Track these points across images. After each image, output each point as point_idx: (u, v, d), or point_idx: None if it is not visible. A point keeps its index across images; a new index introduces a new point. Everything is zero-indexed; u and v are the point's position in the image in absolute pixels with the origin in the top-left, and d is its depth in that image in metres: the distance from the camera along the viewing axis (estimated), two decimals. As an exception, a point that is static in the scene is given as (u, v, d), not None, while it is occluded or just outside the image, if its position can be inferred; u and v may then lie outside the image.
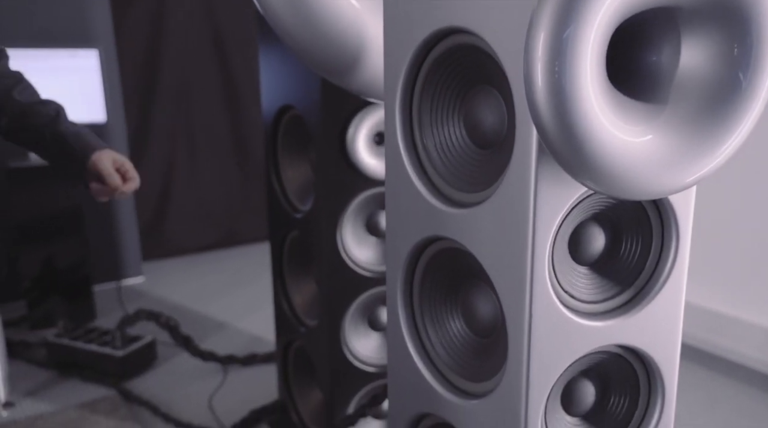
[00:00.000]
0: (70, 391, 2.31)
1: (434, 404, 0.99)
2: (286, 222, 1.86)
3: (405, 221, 0.98)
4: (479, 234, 0.85)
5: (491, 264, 0.84)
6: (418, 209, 0.95)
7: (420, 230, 0.96)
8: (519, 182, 0.78)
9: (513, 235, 0.80)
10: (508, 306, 0.82)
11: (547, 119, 0.67)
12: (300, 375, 1.97)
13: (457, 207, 0.90)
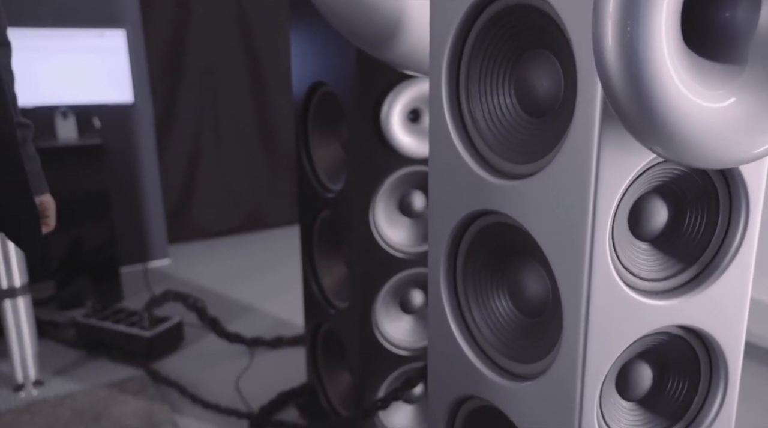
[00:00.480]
0: (98, 371, 2.32)
1: (478, 386, 0.95)
2: (316, 202, 1.82)
3: (450, 196, 0.94)
4: (532, 207, 0.81)
5: (545, 239, 0.79)
6: (465, 183, 0.91)
7: (466, 204, 0.92)
8: (579, 150, 0.73)
9: (571, 207, 0.75)
10: (563, 284, 0.78)
11: (617, 81, 0.62)
12: (329, 358, 1.95)
13: (507, 179, 0.85)
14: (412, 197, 1.68)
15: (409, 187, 1.67)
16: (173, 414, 2.04)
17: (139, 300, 2.92)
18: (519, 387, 0.88)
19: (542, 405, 0.83)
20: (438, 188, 0.96)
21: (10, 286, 2.10)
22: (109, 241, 2.90)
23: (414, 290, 1.74)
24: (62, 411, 2.04)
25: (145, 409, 2.05)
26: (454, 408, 1.03)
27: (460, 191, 0.92)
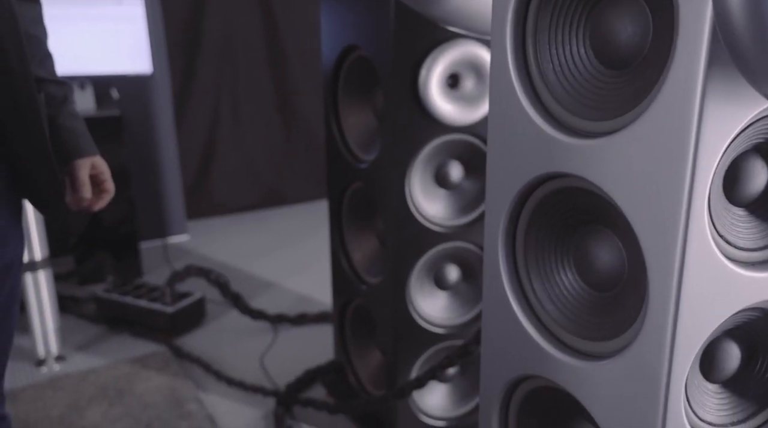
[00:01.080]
0: (120, 346, 2.27)
1: (540, 365, 0.88)
2: (346, 174, 1.74)
3: (512, 159, 0.86)
4: (613, 169, 0.72)
5: (630, 204, 0.71)
6: (531, 143, 0.83)
7: (531, 167, 0.83)
8: (678, 102, 0.64)
9: (665, 168, 0.67)
10: (651, 254, 0.70)
11: (740, 14, 0.53)
12: (358, 336, 1.88)
13: (582, 138, 0.77)
14: (449, 168, 1.60)
15: (446, 157, 1.58)
16: (197, 390, 1.99)
17: (159, 276, 2.87)
18: (590, 366, 0.80)
19: (620, 386, 0.76)
20: (499, 150, 0.88)
21: (30, 260, 2.05)
22: (129, 216, 2.85)
23: (449, 266, 1.66)
24: (85, 387, 2.00)
25: (169, 385, 2.01)
26: (510, 388, 0.96)
27: (525, 153, 0.84)
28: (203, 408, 1.89)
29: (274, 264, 3.04)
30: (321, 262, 3.04)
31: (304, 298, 2.68)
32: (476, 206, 1.62)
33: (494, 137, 0.88)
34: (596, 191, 0.77)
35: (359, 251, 1.81)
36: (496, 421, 0.98)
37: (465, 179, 1.62)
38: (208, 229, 3.58)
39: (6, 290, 1.03)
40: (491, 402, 0.98)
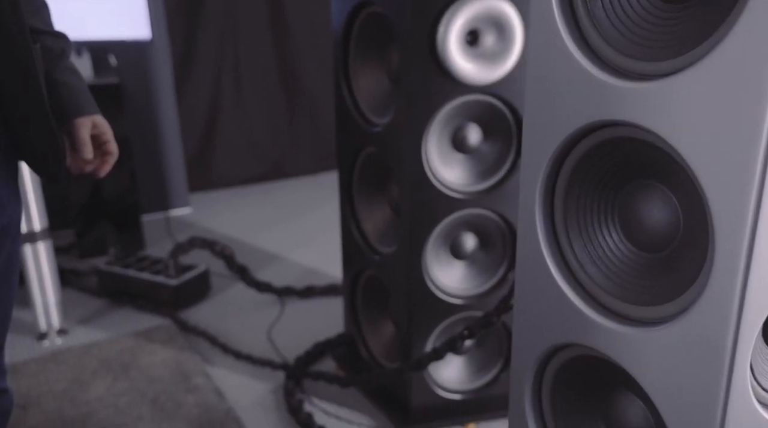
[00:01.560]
0: (123, 319, 2.22)
1: (580, 333, 0.81)
2: (358, 138, 1.67)
3: (554, 108, 0.78)
4: (675, 114, 0.65)
5: (695, 153, 0.64)
6: (576, 90, 0.75)
7: (576, 117, 0.76)
8: (758, 36, 0.57)
9: (739, 111, 0.59)
10: (719, 209, 0.62)
11: None
12: (370, 307, 1.82)
13: (637, 81, 0.69)
14: (467, 131, 1.52)
15: (464, 119, 1.50)
16: (204, 364, 1.94)
17: (162, 249, 2.81)
18: (639, 333, 0.73)
19: (675, 354, 0.69)
20: (538, 99, 0.80)
21: (29, 230, 1.98)
22: (130, 188, 2.78)
23: (466, 234, 1.59)
24: (88, 360, 1.94)
25: (175, 359, 1.95)
26: (545, 358, 0.89)
27: (569, 102, 0.76)
28: (210, 381, 1.84)
29: (278, 237, 2.98)
30: (327, 234, 2.98)
31: (310, 271, 2.61)
32: (495, 171, 1.54)
33: (533, 84, 0.81)
34: (652, 140, 0.69)
35: (371, 220, 1.74)
36: (529, 394, 0.92)
37: (483, 142, 1.54)
38: (211, 202, 3.51)
39: (4, 255, 0.96)
40: (524, 373, 0.92)
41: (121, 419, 1.68)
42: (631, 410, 0.83)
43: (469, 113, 1.50)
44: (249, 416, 1.70)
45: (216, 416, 1.68)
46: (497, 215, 1.57)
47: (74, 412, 1.70)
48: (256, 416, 1.70)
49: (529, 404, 0.92)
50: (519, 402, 0.93)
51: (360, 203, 1.75)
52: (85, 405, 1.73)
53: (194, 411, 1.70)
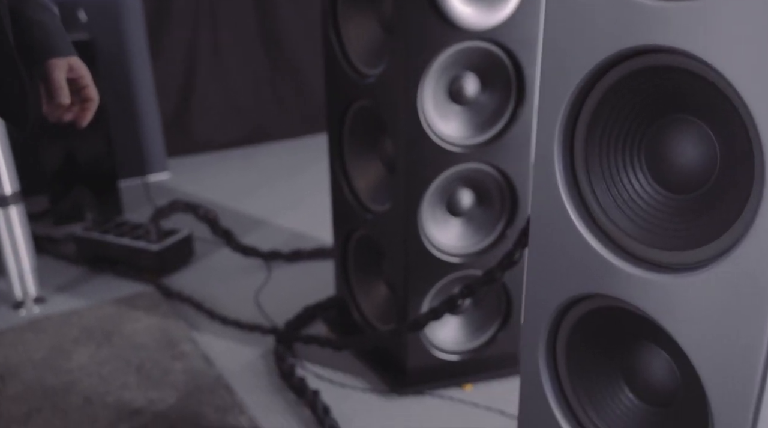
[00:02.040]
0: (103, 287, 2.13)
1: (603, 282, 0.76)
2: (348, 91, 1.58)
3: (578, 35, 0.71)
4: (724, 36, 0.58)
5: (745, 78, 0.58)
6: (607, 13, 0.68)
7: (606, 43, 0.69)
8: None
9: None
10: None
11: None
12: (362, 269, 1.76)
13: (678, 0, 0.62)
14: (464, 81, 1.44)
15: (461, 68, 1.43)
16: (190, 330, 1.87)
17: (141, 215, 2.71)
18: (671, 280, 0.68)
19: (713, 301, 0.64)
20: (560, 22, 0.73)
21: (0, 194, 1.88)
22: (106, 151, 2.66)
23: (463, 190, 1.53)
24: (69, 329, 1.86)
25: (159, 326, 1.88)
26: (561, 311, 0.84)
27: (597, 26, 0.69)
28: (197, 348, 1.77)
29: (263, 201, 2.89)
30: (314, 198, 2.90)
31: (297, 234, 2.54)
32: (494, 123, 1.47)
33: (554, 6, 0.73)
34: (693, 68, 0.63)
35: (362, 178, 1.67)
36: (543, 350, 0.87)
37: (481, 93, 1.47)
38: (190, 167, 3.40)
39: None
40: (537, 328, 0.86)
41: (105, 387, 1.61)
42: (655, 363, 0.78)
43: (466, 62, 1.42)
44: (239, 382, 1.65)
45: (205, 382, 1.62)
46: (495, 170, 1.50)
47: (56, 381, 1.63)
48: (246, 381, 1.65)
49: (543, 361, 0.87)
50: (532, 359, 0.88)
51: (351, 159, 1.68)
52: (67, 373, 1.66)
53: (182, 378, 1.64)
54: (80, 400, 1.56)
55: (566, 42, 0.73)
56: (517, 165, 1.50)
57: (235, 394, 1.59)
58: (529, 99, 1.46)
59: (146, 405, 1.55)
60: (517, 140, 1.48)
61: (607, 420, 0.82)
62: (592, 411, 0.83)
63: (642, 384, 0.80)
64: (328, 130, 1.70)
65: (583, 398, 0.84)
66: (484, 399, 1.57)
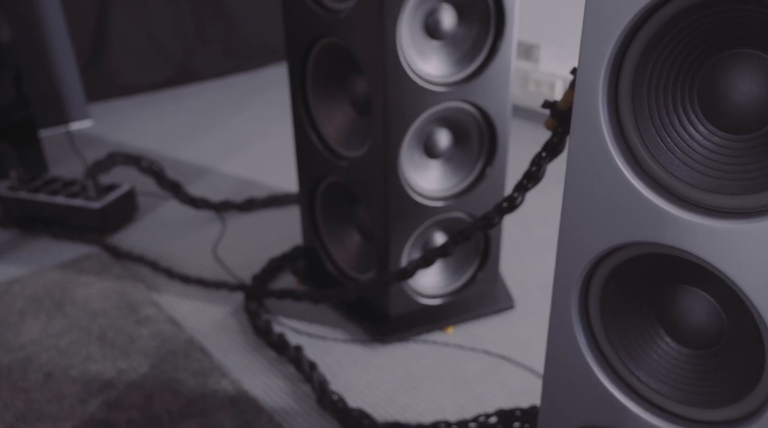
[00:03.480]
0: (41, 251, 1.95)
1: (652, 230, 0.73)
2: (311, 28, 1.46)
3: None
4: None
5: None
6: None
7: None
8: None
9: None
10: None
11: None
12: (331, 218, 1.69)
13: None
14: (440, 13, 1.36)
15: (437, 1, 1.34)
16: (149, 292, 1.75)
17: (69, 168, 2.49)
18: (735, 226, 0.66)
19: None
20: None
21: None
22: (19, 99, 2.39)
23: (440, 130, 1.47)
24: (12, 300, 1.70)
25: (114, 289, 1.75)
26: (598, 260, 0.81)
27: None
28: (162, 310, 1.67)
29: (201, 147, 2.72)
30: (257, 141, 2.76)
31: (245, 182, 2.41)
32: (473, 58, 1.41)
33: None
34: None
35: (330, 122, 1.57)
36: (576, 301, 0.84)
37: (459, 25, 1.39)
38: (113, 112, 3.14)
39: None
40: (570, 279, 0.84)
41: (67, 361, 1.49)
42: (697, 306, 0.77)
43: (444, -7, 1.33)
44: (213, 343, 1.57)
45: (177, 347, 1.53)
46: (474, 107, 1.45)
47: (8, 359, 1.49)
48: (220, 342, 1.57)
49: (575, 311, 0.85)
50: (563, 310, 0.86)
51: (316, 103, 1.57)
52: (20, 349, 1.52)
53: (151, 344, 1.54)
54: (41, 377, 1.44)
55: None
56: (496, 102, 1.45)
57: (211, 357, 1.51)
58: (509, 31, 1.39)
59: (117, 376, 1.45)
60: (496, 76, 1.42)
61: (645, 367, 0.82)
62: (628, 359, 0.82)
63: (681, 328, 0.79)
64: (289, 73, 1.57)
65: (618, 347, 0.83)
66: (468, 340, 1.57)
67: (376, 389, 1.43)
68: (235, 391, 1.41)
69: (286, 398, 1.41)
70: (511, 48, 1.41)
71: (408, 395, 1.41)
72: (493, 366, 1.49)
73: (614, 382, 0.84)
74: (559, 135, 1.03)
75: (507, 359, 1.51)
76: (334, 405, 1.35)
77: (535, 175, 1.08)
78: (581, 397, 0.88)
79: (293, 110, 1.61)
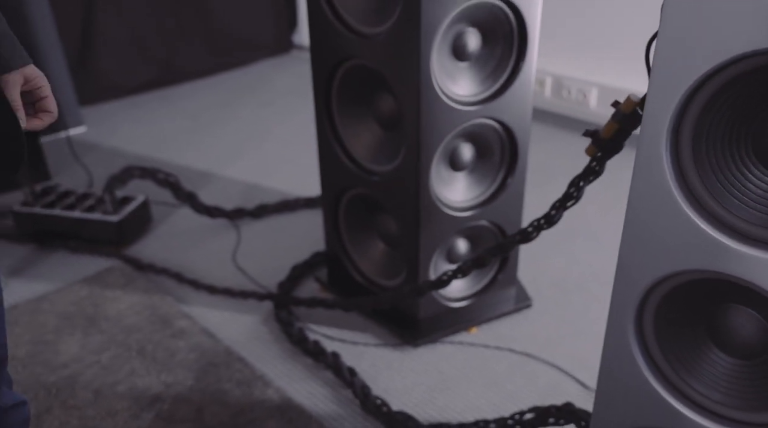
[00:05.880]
0: (61, 265, 1.97)
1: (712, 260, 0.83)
2: (340, 50, 1.51)
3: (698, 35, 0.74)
4: None
5: None
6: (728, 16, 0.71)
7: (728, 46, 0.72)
8: None
9: None
10: None
11: None
12: (355, 227, 1.76)
13: None
14: (467, 36, 1.43)
15: (465, 24, 1.41)
16: (179, 305, 1.80)
17: (72, 178, 2.49)
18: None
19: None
20: (678, 24, 0.75)
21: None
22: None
23: (464, 145, 1.55)
24: (44, 318, 1.73)
25: (144, 303, 1.79)
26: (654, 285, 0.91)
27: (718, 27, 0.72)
28: (195, 322, 1.72)
29: (200, 152, 2.74)
30: (254, 144, 2.80)
31: (250, 187, 2.46)
32: (497, 78, 1.49)
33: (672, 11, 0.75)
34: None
35: (356, 138, 1.63)
36: (632, 319, 0.94)
37: (483, 47, 1.46)
38: (105, 116, 3.12)
39: None
40: (628, 300, 0.93)
41: (112, 377, 1.54)
42: (744, 322, 0.88)
43: (470, 17, 1.40)
44: (250, 352, 1.63)
45: (216, 358, 1.60)
46: (498, 123, 1.53)
47: (54, 377, 1.53)
48: (257, 351, 1.64)
49: (631, 329, 0.95)
50: (620, 327, 0.96)
51: (341, 119, 1.63)
52: (63, 367, 1.56)
53: (191, 357, 1.60)
54: (90, 394, 1.49)
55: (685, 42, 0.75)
56: (517, 117, 1.54)
57: (252, 366, 1.58)
58: (530, 51, 1.47)
59: (164, 389, 1.50)
60: (518, 93, 1.51)
61: (697, 376, 0.92)
62: (681, 370, 0.93)
63: (729, 341, 0.90)
64: (315, 91, 1.63)
65: (672, 359, 0.93)
66: (492, 339, 1.67)
67: (414, 391, 1.52)
68: (280, 399, 1.48)
69: (330, 404, 1.49)
70: (532, 67, 1.50)
71: (444, 395, 1.51)
72: (519, 364, 1.59)
73: (668, 390, 0.94)
74: (599, 161, 1.12)
75: (531, 356, 1.61)
76: (378, 409, 1.43)
77: (574, 196, 1.18)
78: (635, 403, 0.98)
79: (318, 126, 1.67)
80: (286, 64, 3.80)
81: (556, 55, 2.75)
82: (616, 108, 1.04)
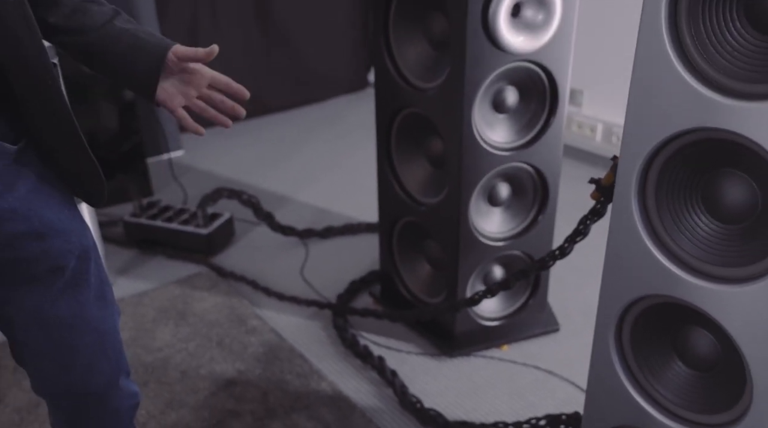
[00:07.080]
0: (160, 269, 2.34)
1: (670, 288, 1.04)
2: (399, 99, 1.80)
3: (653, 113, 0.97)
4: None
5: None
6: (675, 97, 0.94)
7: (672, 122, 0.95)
8: None
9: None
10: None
11: None
12: (405, 249, 2.03)
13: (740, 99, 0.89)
14: (506, 93, 1.69)
15: (505, 83, 1.67)
16: (252, 307, 2.11)
17: (169, 195, 2.88)
18: (727, 289, 0.97)
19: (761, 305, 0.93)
20: (639, 102, 0.99)
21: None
22: (134, 129, 2.76)
23: (501, 184, 1.80)
24: (144, 310, 2.08)
25: (225, 304, 2.12)
26: (630, 304, 1.12)
27: (666, 107, 0.95)
28: (266, 323, 2.03)
29: (278, 177, 3.09)
30: (326, 172, 3.12)
31: (320, 210, 2.77)
32: (531, 129, 1.73)
33: (636, 90, 0.98)
34: (741, 142, 0.90)
35: (410, 174, 1.91)
36: (613, 336, 1.16)
37: (520, 102, 1.72)
38: (201, 142, 3.53)
39: (95, 278, 0.99)
40: (609, 321, 1.15)
41: (196, 362, 1.86)
42: (702, 341, 1.08)
43: (509, 78, 1.66)
44: (310, 351, 1.91)
45: (282, 354, 1.89)
46: (531, 167, 1.77)
47: (151, 358, 1.87)
48: (316, 351, 1.92)
49: (612, 344, 1.17)
50: (604, 343, 1.18)
51: (398, 158, 1.91)
52: (159, 351, 1.90)
53: (260, 351, 1.90)
54: (178, 374, 1.81)
55: (644, 117, 0.99)
56: (548, 162, 1.77)
57: (310, 363, 1.86)
58: (561, 107, 1.71)
59: (237, 375, 1.81)
60: (549, 142, 1.75)
61: (663, 383, 1.13)
62: (651, 378, 1.14)
63: (690, 356, 1.10)
64: (377, 133, 1.92)
65: (644, 368, 1.14)
66: (521, 356, 1.89)
67: (445, 394, 1.76)
68: (332, 391, 1.75)
69: (373, 398, 1.74)
70: (563, 120, 1.73)
71: (472, 400, 1.74)
72: (542, 380, 1.80)
73: (640, 394, 1.15)
74: (602, 204, 1.35)
75: (554, 374, 1.82)
76: (413, 406, 1.68)
77: (583, 232, 1.40)
78: (616, 404, 1.19)
79: (378, 163, 1.96)
80: (361, 101, 4.15)
81: (607, 103, 2.96)
82: (614, 161, 1.27)
